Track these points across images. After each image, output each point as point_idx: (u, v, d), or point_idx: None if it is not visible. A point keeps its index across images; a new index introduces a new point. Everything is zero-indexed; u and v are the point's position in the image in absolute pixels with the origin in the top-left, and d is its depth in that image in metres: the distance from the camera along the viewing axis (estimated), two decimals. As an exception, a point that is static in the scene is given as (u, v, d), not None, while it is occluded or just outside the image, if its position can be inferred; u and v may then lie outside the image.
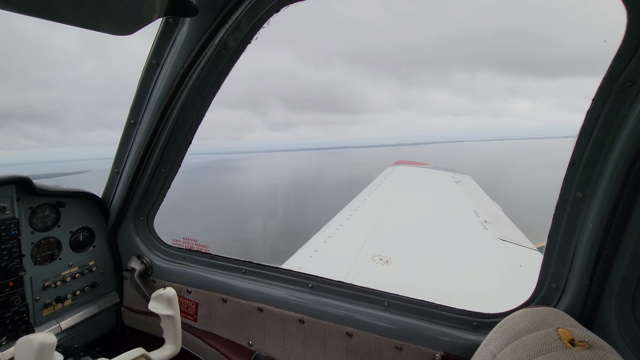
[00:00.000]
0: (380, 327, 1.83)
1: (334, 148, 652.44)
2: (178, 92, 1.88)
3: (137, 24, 1.43)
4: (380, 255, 6.26)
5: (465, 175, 16.98)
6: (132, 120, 2.04)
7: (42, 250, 2.04)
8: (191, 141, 2.16)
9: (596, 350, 1.03)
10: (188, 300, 2.32)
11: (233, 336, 2.20)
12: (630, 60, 1.18)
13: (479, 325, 1.74)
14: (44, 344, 1.26)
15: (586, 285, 1.44)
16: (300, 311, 2.00)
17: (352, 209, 10.22)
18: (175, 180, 2.30)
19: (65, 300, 2.14)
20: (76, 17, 1.32)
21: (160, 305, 1.75)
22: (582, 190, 1.41)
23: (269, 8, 1.65)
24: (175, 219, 31.74)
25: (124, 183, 2.23)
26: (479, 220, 9.25)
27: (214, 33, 1.67)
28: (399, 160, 20.08)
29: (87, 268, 2.27)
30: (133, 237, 2.43)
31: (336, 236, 7.57)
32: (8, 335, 1.83)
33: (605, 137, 1.31)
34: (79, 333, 2.22)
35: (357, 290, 1.99)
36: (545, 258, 1.58)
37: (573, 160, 1.40)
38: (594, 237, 1.38)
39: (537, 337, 1.17)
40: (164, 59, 1.83)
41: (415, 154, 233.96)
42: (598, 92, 1.28)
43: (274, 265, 2.26)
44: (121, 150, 2.17)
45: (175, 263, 2.42)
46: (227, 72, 1.90)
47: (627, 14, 1.13)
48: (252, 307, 2.12)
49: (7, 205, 1.84)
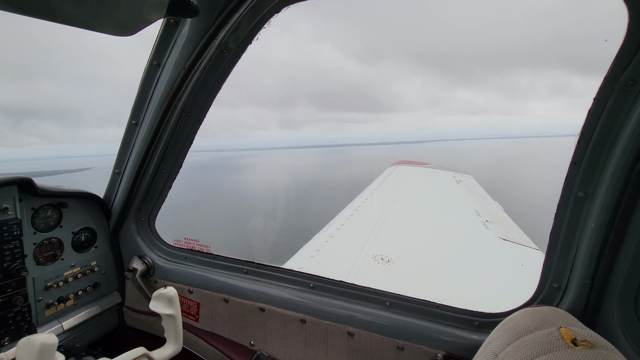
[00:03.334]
0: (381, 326, 1.83)
1: (337, 146, 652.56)
2: (179, 93, 1.89)
3: (138, 25, 1.43)
4: (382, 255, 6.26)
5: (466, 175, 16.96)
6: (134, 121, 2.05)
7: (44, 250, 2.05)
8: (192, 141, 2.17)
9: (598, 350, 1.03)
10: (190, 300, 2.32)
11: (235, 336, 2.20)
12: (632, 59, 1.18)
13: (480, 325, 1.74)
14: (45, 345, 1.26)
15: (588, 284, 1.44)
16: (302, 311, 2.00)
17: (354, 208, 10.22)
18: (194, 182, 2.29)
19: (68, 301, 2.14)
20: (77, 18, 1.32)
21: (161, 305, 1.76)
22: (583, 190, 1.41)
23: (270, 8, 1.65)
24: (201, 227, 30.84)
25: (126, 183, 2.24)
26: (481, 219, 9.23)
27: (215, 33, 1.67)
28: (401, 160, 20.07)
29: (89, 268, 2.28)
30: (135, 237, 2.43)
31: (337, 236, 7.57)
32: (10, 336, 1.84)
33: (606, 136, 1.31)
34: (81, 333, 2.22)
35: (358, 290, 1.99)
36: (547, 257, 1.58)
37: (575, 159, 1.40)
38: (595, 236, 1.38)
39: (539, 337, 1.17)
40: (165, 59, 1.83)
41: (417, 153, 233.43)
42: (599, 91, 1.27)
43: (275, 265, 2.26)
44: (122, 151, 2.18)
45: (176, 263, 2.42)
46: (228, 72, 1.91)
47: (629, 13, 1.13)
48: (254, 307, 2.12)
49: (10, 206, 1.84)
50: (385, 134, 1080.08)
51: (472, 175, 17.17)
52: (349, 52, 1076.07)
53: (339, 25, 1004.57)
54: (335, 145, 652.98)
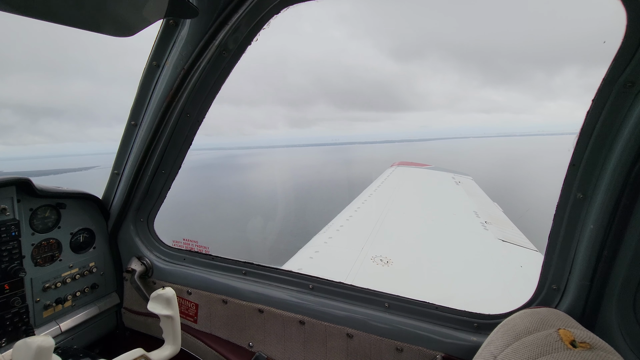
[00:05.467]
0: (380, 328, 1.83)
1: (341, 144, 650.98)
2: (178, 94, 1.89)
3: (138, 26, 1.43)
4: (381, 256, 6.25)
5: (465, 176, 16.97)
6: (133, 122, 2.05)
7: (43, 251, 2.04)
8: (192, 142, 2.16)
9: (597, 351, 1.03)
10: (188, 302, 2.32)
11: (233, 337, 2.20)
12: (630, 60, 1.18)
13: (479, 326, 1.74)
14: (41, 347, 1.26)
15: (587, 286, 1.44)
16: (301, 312, 2.00)
17: (353, 210, 10.22)
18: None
19: (66, 302, 2.14)
20: (77, 18, 1.33)
21: (160, 306, 1.75)
22: (582, 191, 1.41)
23: (269, 9, 1.65)
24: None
25: (125, 184, 2.23)
26: (480, 221, 9.23)
27: (215, 34, 1.67)
28: (400, 161, 20.06)
29: (87, 269, 2.27)
30: (133, 238, 2.43)
31: (336, 237, 7.56)
32: (8, 337, 1.83)
33: (605, 138, 1.31)
34: (79, 334, 2.21)
35: (357, 291, 1.99)
36: (546, 259, 1.58)
37: (573, 160, 1.40)
38: (594, 237, 1.38)
39: (538, 338, 1.17)
40: (165, 60, 1.83)
41: (416, 153, 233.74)
42: (598, 92, 1.28)
43: (274, 267, 2.26)
44: (122, 152, 2.17)
45: (175, 264, 2.42)
46: (227, 73, 1.91)
47: (627, 15, 1.13)
48: (253, 308, 2.12)
49: (8, 206, 1.84)
50: (388, 133, 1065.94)
51: (471, 176, 17.18)
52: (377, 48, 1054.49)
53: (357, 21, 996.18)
54: (339, 144, 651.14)
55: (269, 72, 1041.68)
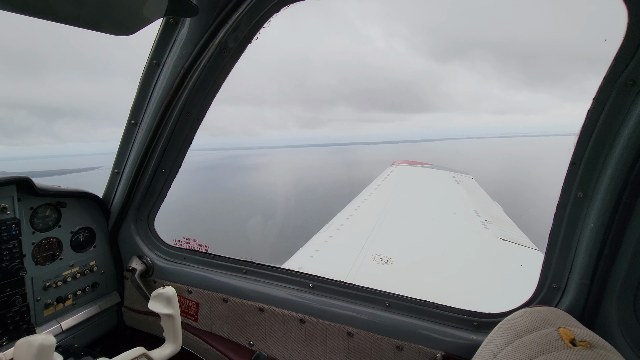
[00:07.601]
0: (381, 326, 1.83)
1: (342, 144, 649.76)
2: (179, 92, 1.89)
3: (138, 25, 1.43)
4: (381, 255, 6.25)
5: (465, 175, 16.96)
6: (133, 121, 2.05)
7: (43, 250, 2.04)
8: (192, 141, 2.16)
9: (597, 350, 1.03)
10: (189, 300, 2.32)
11: (234, 336, 2.20)
12: (631, 59, 1.18)
13: (479, 325, 1.74)
14: (43, 346, 1.26)
15: (587, 284, 1.44)
16: (301, 311, 2.00)
17: (353, 208, 10.21)
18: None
19: (66, 300, 2.14)
20: (77, 17, 1.33)
21: (160, 304, 1.76)
22: (583, 190, 1.41)
23: (269, 8, 1.65)
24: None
25: (125, 183, 2.23)
26: (480, 219, 9.23)
27: (215, 33, 1.67)
28: (401, 160, 20.06)
29: (87, 268, 2.27)
30: (134, 237, 2.43)
31: (337, 236, 7.55)
32: (9, 335, 1.83)
33: (606, 137, 1.31)
34: (80, 333, 2.22)
35: (357, 290, 1.99)
36: (546, 258, 1.58)
37: (574, 159, 1.40)
38: (595, 236, 1.38)
39: (538, 337, 1.17)
40: (165, 59, 1.83)
41: (417, 152, 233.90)
42: (599, 91, 1.27)
43: (274, 265, 2.26)
44: (122, 151, 2.17)
45: (176, 263, 2.42)
46: (227, 72, 1.91)
47: (628, 13, 1.13)
48: (253, 307, 2.12)
49: (8, 205, 1.84)
50: (390, 134, 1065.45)
51: (471, 175, 17.17)
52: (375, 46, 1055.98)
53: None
54: (341, 144, 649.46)
55: (284, 71, 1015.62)
